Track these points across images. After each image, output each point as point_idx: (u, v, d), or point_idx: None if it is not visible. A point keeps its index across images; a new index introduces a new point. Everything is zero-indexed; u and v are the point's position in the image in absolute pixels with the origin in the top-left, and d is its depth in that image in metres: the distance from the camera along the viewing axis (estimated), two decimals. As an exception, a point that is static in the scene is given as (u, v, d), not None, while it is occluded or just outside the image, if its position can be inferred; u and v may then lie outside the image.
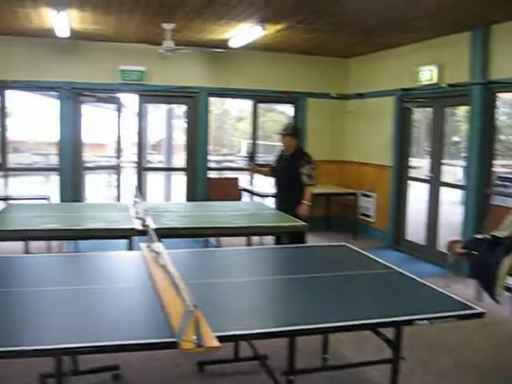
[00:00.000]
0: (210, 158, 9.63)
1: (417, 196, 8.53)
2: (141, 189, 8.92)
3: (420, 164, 9.34)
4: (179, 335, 2.27)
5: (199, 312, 2.32)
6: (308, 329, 2.63)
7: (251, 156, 7.08)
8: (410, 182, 8.41)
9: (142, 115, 9.23)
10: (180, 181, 10.37)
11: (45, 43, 8.20)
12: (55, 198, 8.43)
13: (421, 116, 9.51)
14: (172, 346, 2.29)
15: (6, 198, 7.57)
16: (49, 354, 2.51)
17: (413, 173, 8.43)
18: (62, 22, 6.64)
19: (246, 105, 11.59)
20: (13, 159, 9.52)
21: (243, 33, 7.27)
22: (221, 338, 2.31)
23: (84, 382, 3.77)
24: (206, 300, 2.74)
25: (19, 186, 10.38)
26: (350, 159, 9.72)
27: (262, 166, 7.17)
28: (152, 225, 4.73)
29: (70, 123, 8.57)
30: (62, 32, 7.20)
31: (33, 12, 6.42)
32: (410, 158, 8.48)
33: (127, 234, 4.92)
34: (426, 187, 7.90)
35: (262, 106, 10.05)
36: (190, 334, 2.25)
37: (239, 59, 9.00)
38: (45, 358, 2.71)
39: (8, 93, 8.53)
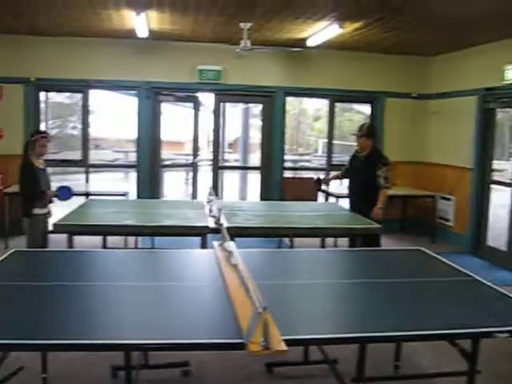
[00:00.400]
0: (285, 157, 9.61)
1: (499, 200, 8.17)
2: (216, 187, 9.02)
3: (504, 167, 8.94)
4: (247, 337, 2.26)
5: (268, 314, 2.30)
6: (380, 336, 2.56)
7: (319, 182, 6.89)
8: (493, 186, 8.06)
9: (218, 114, 9.32)
10: (255, 180, 10.41)
11: (125, 44, 8.45)
12: (133, 195, 8.65)
13: (505, 116, 9.10)
14: (239, 347, 2.28)
15: (86, 194, 7.83)
16: (120, 349, 2.56)
17: (496, 176, 8.08)
18: (142, 23, 6.81)
19: (323, 104, 11.49)
20: (95, 156, 9.85)
21: (320, 32, 7.21)
22: (289, 342, 2.27)
23: (153, 376, 3.83)
24: (276, 301, 2.71)
25: (100, 182, 10.72)
26: (428, 160, 9.44)
27: (329, 179, 7.02)
28: (225, 223, 4.76)
29: (149, 121, 8.79)
30: (142, 33, 7.38)
31: (114, 14, 6.62)
32: (493, 161, 8.13)
33: (201, 232, 4.98)
34: (509, 191, 7.55)
35: (338, 105, 9.94)
36: (258, 336, 2.23)
37: (316, 58, 8.93)
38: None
39: (91, 92, 8.84)
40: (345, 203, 7.09)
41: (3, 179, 8.40)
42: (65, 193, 5.83)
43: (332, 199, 8.46)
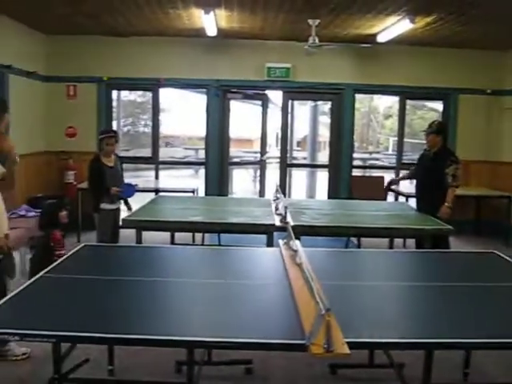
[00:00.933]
0: (354, 155, 9.48)
1: None
2: (284, 185, 9.00)
3: None
4: (309, 338, 2.22)
5: (331, 316, 2.25)
6: (449, 343, 2.46)
7: (389, 185, 6.78)
8: None
9: (286, 111, 9.29)
10: (323, 178, 10.33)
11: (195, 42, 8.56)
12: (202, 192, 8.76)
13: None
14: (301, 348, 2.24)
15: (156, 190, 7.98)
16: (184, 346, 2.58)
17: None
18: (210, 22, 6.88)
19: (394, 101, 11.27)
20: (166, 153, 10.02)
21: (391, 27, 7.05)
22: (352, 345, 2.22)
23: (216, 372, 3.85)
24: (340, 303, 2.66)
25: (169, 179, 10.91)
26: (503, 159, 9.05)
27: (398, 179, 6.89)
28: (291, 221, 4.73)
29: (218, 119, 8.87)
30: (211, 31, 7.45)
31: (183, 13, 6.72)
32: None
33: (267, 230, 4.97)
34: None
35: (410, 102, 9.71)
36: (321, 338, 2.19)
37: (386, 54, 8.75)
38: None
39: (161, 90, 9.01)
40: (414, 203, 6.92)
41: (77, 175, 8.68)
42: (128, 190, 5.97)
43: (402, 199, 8.27)
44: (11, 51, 7.41)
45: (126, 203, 6.02)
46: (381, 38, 7.72)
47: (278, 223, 4.87)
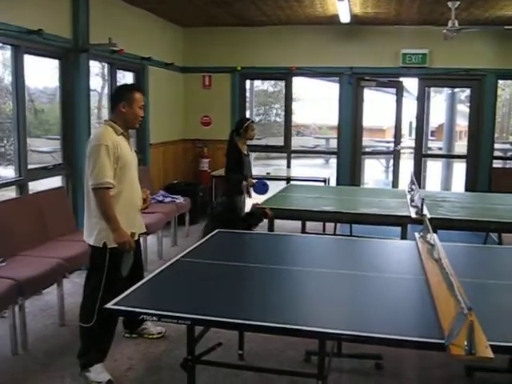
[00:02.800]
0: (495, 145, 8.91)
1: None
2: (419, 176, 8.68)
3: None
4: (449, 338, 2.09)
5: (474, 316, 2.11)
6: None
7: None
8: None
9: (422, 99, 8.93)
10: (459, 169, 9.85)
11: (327, 30, 8.47)
12: (332, 181, 8.67)
13: None
14: (439, 348, 2.12)
15: (287, 179, 8.01)
16: (314, 337, 2.54)
17: None
18: (345, 8, 6.73)
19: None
20: (296, 142, 10.04)
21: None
22: (495, 348, 2.05)
23: (346, 365, 3.78)
24: (480, 302, 2.48)
25: (300, 168, 10.93)
26: None
27: None
28: (428, 214, 4.53)
29: (350, 108, 8.71)
30: (344, 18, 7.31)
31: (317, 0, 6.63)
32: None
33: (401, 222, 4.80)
34: None
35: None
36: (462, 338, 2.05)
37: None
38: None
39: (294, 79, 9.01)
40: None
41: (211, 163, 8.94)
42: (261, 187, 6.02)
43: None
44: (151, 44, 7.77)
45: (248, 192, 6.07)
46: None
47: (413, 215, 4.69)
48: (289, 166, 9.18)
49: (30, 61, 5.38)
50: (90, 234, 3.64)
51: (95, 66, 7.17)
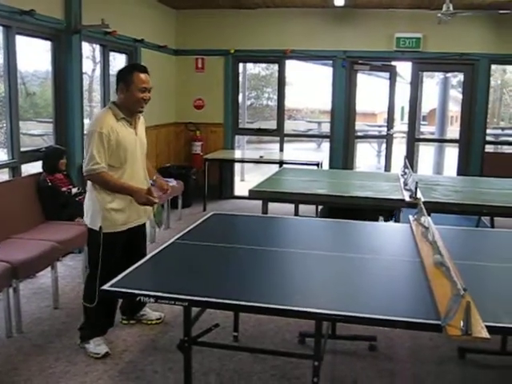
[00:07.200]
0: (487, 131, 8.94)
1: None
2: (412, 160, 8.70)
3: None
4: (445, 319, 2.11)
5: (469, 297, 2.13)
6: None
7: None
8: None
9: (416, 83, 8.93)
10: (451, 154, 9.89)
11: (321, 13, 8.44)
12: (325, 165, 8.68)
13: None
14: (436, 329, 2.14)
15: (280, 162, 8.01)
16: (308, 317, 2.55)
17: None
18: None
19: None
20: (288, 126, 10.02)
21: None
22: (491, 329, 2.08)
23: (340, 346, 3.81)
24: (474, 284, 2.50)
25: (292, 152, 10.91)
26: None
27: None
28: (421, 198, 4.56)
29: (344, 91, 8.70)
30: (338, 1, 7.29)
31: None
32: None
33: (395, 206, 4.82)
34: None
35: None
36: (458, 319, 2.07)
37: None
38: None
39: (287, 62, 8.97)
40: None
41: (203, 146, 8.92)
42: None
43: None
44: (144, 26, 7.71)
45: None
46: (523, 4, 7.16)
47: (407, 199, 4.71)
48: (281, 150, 9.16)
49: (20, 43, 5.32)
50: (86, 215, 3.66)
51: (86, 49, 7.11)
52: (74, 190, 5.44)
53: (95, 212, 3.56)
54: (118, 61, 7.53)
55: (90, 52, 7.58)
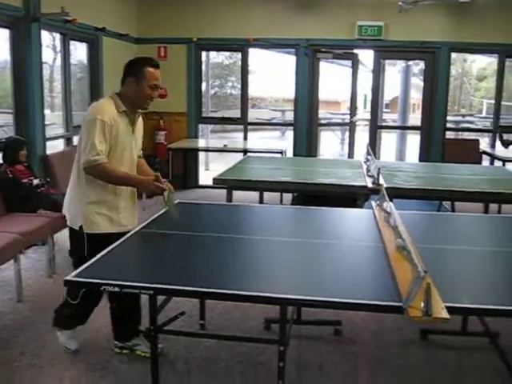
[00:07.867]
0: (447, 118, 9.10)
1: None
2: (374, 147, 8.81)
3: None
4: (406, 301, 2.16)
5: (430, 279, 2.18)
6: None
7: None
8: None
9: (378, 71, 9.03)
10: (413, 141, 10.04)
11: (283, 1, 8.46)
12: (289, 153, 8.72)
13: None
14: (397, 310, 2.19)
15: (244, 151, 8.02)
16: (274, 303, 2.58)
17: None
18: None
19: (489, 63, 10.69)
20: (252, 115, 10.03)
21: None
22: (451, 310, 2.13)
23: (306, 332, 3.85)
24: (435, 267, 2.55)
25: (256, 140, 10.93)
26: None
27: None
28: (384, 184, 4.62)
29: (307, 79, 8.74)
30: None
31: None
32: None
33: (358, 192, 4.88)
34: None
35: (509, 64, 9.16)
36: (419, 301, 2.12)
37: (485, 10, 8.24)
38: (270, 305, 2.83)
39: (250, 51, 8.96)
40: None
41: (167, 135, 8.86)
42: None
43: (498, 163, 7.90)
44: (105, 14, 7.59)
45: None
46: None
47: (370, 185, 4.78)
48: (246, 139, 9.17)
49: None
50: (66, 211, 3.41)
51: (46, 38, 6.98)
52: (36, 182, 5.36)
53: (76, 210, 3.30)
54: (78, 50, 7.41)
55: (50, 41, 7.44)
